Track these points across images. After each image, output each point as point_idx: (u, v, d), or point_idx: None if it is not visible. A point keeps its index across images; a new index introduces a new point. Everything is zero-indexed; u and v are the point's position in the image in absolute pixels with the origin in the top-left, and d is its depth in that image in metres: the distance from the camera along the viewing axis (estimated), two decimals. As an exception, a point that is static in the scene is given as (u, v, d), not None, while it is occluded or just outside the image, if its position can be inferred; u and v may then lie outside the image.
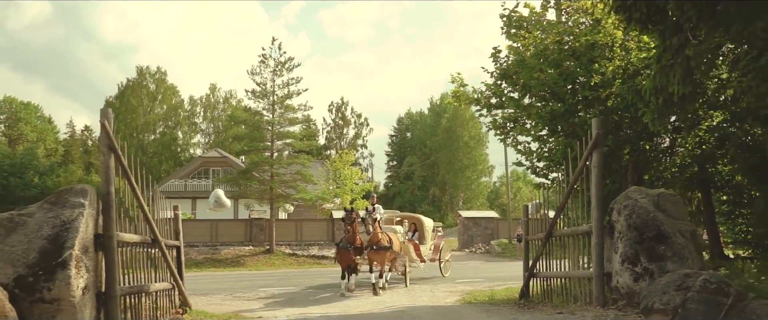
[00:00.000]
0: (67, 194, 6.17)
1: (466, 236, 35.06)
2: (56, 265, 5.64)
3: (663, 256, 6.73)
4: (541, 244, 9.17)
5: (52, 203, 6.06)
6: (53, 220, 5.87)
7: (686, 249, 6.73)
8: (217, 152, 48.47)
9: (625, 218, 7.19)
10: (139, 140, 73.34)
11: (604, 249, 7.54)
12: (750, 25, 4.90)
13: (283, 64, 30.20)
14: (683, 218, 7.06)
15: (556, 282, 9.04)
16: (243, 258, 28.55)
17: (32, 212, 5.98)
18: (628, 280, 6.95)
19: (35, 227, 5.83)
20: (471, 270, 21.00)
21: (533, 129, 10.54)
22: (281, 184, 29.52)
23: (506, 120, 10.92)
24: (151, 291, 7.55)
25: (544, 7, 10.49)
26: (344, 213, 13.91)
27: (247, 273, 23.43)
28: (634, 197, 7.31)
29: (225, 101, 78.09)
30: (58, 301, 5.61)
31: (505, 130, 11.15)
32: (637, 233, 6.96)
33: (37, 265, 5.63)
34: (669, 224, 6.91)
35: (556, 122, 9.79)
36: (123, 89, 73.46)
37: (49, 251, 5.70)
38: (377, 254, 13.29)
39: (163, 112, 75.66)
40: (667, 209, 7.08)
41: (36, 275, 5.61)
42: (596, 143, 7.67)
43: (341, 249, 13.56)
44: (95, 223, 6.31)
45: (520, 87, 9.98)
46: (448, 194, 74.20)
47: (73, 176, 61.51)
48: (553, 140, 10.35)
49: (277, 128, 30.19)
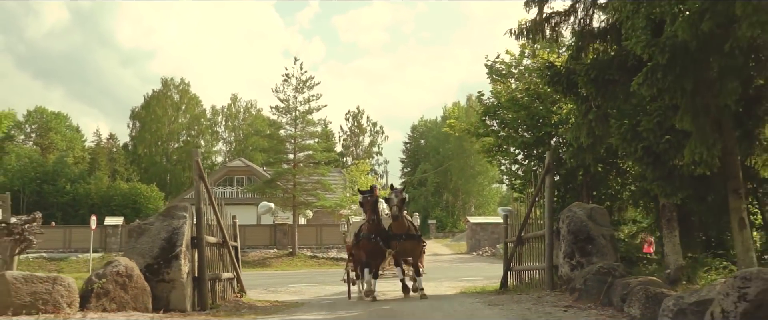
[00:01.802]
0: (174, 209, 9.02)
1: (474, 240, 37.77)
2: (171, 257, 8.49)
3: (590, 253, 9.40)
4: (514, 246, 11.92)
5: (165, 215, 8.91)
6: (167, 227, 8.72)
7: (606, 247, 9.41)
8: (241, 161, 51.48)
9: (566, 226, 9.88)
10: (164, 148, 76.82)
11: (553, 248, 10.25)
12: (627, 101, 7.54)
13: (305, 82, 33.24)
14: (607, 226, 9.74)
15: (526, 274, 11.76)
16: (268, 259, 31.47)
17: (152, 222, 8.85)
18: (567, 270, 9.63)
19: (156, 232, 8.69)
20: (474, 271, 23.59)
21: (511, 154, 13.31)
22: (303, 192, 32.44)
23: (491, 146, 13.70)
24: (222, 279, 10.39)
25: (521, 55, 13.25)
26: (361, 196, 11.23)
27: (274, 272, 26.25)
28: (574, 210, 10.00)
29: (245, 111, 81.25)
30: (173, 281, 8.45)
31: (491, 153, 13.92)
32: (573, 236, 9.63)
33: (159, 257, 8.48)
34: (596, 229, 9.60)
35: (528, 149, 12.55)
36: (148, 100, 76.93)
37: (166, 248, 8.55)
38: (408, 245, 10.80)
39: (186, 121, 79.02)
40: (596, 219, 9.76)
41: (158, 264, 8.45)
42: (548, 169, 10.37)
43: (366, 241, 10.75)
44: (191, 229, 9.15)
45: (499, 121, 12.78)
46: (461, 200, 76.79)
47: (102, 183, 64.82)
48: (526, 163, 13.12)
49: (299, 141, 33.14)
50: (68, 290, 7.30)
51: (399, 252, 10.71)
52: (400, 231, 10.63)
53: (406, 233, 10.66)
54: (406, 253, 10.88)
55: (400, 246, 10.61)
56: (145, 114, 75.77)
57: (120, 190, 63.77)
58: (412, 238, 10.79)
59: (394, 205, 10.32)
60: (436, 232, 59.92)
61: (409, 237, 10.71)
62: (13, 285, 6.92)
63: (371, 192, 10.84)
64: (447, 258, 35.50)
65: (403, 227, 10.62)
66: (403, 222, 10.64)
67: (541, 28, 9.29)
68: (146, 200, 62.88)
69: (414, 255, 10.96)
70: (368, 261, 10.77)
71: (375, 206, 10.63)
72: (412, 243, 10.79)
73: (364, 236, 10.79)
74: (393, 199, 10.41)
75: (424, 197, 76.26)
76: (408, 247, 10.75)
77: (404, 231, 10.65)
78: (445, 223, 71.45)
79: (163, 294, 8.41)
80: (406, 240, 10.65)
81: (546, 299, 8.81)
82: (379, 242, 10.50)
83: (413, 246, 10.85)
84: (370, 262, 10.77)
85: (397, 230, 10.64)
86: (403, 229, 10.64)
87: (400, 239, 10.60)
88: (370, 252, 10.68)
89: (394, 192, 10.56)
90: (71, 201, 62.22)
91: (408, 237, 10.69)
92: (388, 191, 11.19)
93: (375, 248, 10.57)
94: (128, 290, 7.85)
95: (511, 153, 13.17)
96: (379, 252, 10.65)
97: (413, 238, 10.81)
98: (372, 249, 10.62)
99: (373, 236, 10.56)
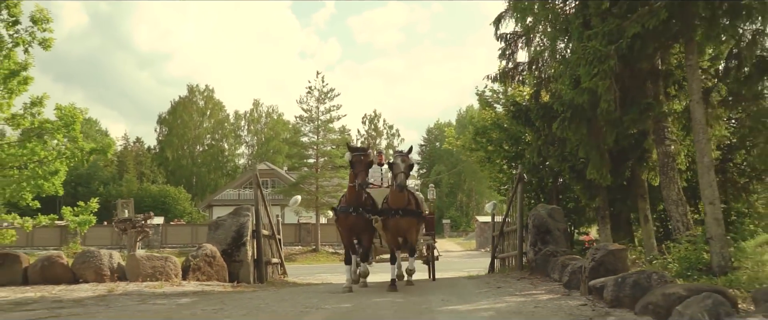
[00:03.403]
0: (240, 210, 12.34)
1: (482, 237, 40.97)
2: (240, 244, 11.81)
3: (548, 242, 12.53)
4: (497, 237, 15.12)
5: (234, 215, 12.24)
6: (236, 223, 12.04)
7: (560, 238, 12.55)
8: (266, 165, 54.92)
9: (532, 222, 13.02)
10: (191, 151, 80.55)
11: (522, 239, 13.42)
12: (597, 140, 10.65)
13: (326, 94, 36.62)
14: (561, 221, 12.88)
15: (507, 260, 14.93)
16: (293, 255, 34.80)
17: (225, 219, 12.18)
18: (532, 255, 12.77)
19: (228, 226, 12.01)
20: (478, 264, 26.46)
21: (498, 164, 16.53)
22: (324, 194, 35.79)
23: (482, 158, 16.93)
24: (272, 262, 13.69)
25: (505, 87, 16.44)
26: (350, 153, 8.63)
27: (300, 266, 29.50)
28: (538, 209, 13.15)
29: (267, 116, 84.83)
30: (241, 262, 11.77)
31: (482, 163, 17.13)
32: (536, 229, 12.77)
33: (231, 245, 11.80)
34: (553, 224, 12.74)
35: (509, 161, 15.75)
36: (175, 105, 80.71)
37: (236, 238, 11.87)
38: (404, 223, 8.69)
39: (210, 125, 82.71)
40: (554, 217, 12.90)
41: (231, 249, 11.77)
42: (519, 179, 13.53)
43: (345, 216, 8.77)
44: (252, 224, 12.45)
45: (486, 140, 16.00)
46: (474, 200, 79.84)
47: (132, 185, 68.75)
48: (509, 171, 16.31)
49: (321, 147, 36.53)
50: (174, 265, 10.65)
51: (390, 232, 8.78)
52: (398, 206, 8.51)
53: (404, 209, 8.55)
54: (399, 232, 8.77)
55: (393, 222, 8.57)
56: (172, 119, 79.72)
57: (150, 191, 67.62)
58: (411, 214, 8.66)
59: (401, 172, 8.17)
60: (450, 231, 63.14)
61: (408, 214, 8.61)
62: (140, 261, 10.28)
63: (364, 151, 8.56)
64: (457, 254, 38.71)
65: (402, 200, 8.48)
66: (405, 194, 8.52)
67: (511, 75, 12.51)
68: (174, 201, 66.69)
69: (409, 235, 8.85)
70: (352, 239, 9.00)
71: (367, 170, 8.54)
72: (409, 220, 8.68)
73: (342, 210, 8.76)
74: (399, 164, 8.21)
75: (439, 197, 79.16)
76: (403, 226, 8.65)
77: (402, 206, 8.52)
78: (459, 222, 74.47)
79: (235, 270, 11.72)
80: (403, 217, 8.57)
81: (512, 274, 12.00)
82: (364, 215, 8.54)
83: (409, 225, 8.74)
84: (354, 241, 9.02)
85: (394, 204, 8.52)
86: (402, 203, 8.51)
87: (395, 214, 8.51)
88: (351, 228, 8.79)
89: (399, 156, 8.43)
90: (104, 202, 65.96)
91: (406, 214, 8.58)
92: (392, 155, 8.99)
93: (359, 222, 8.61)
94: (213, 267, 11.19)
95: (498, 163, 16.35)
96: (364, 228, 8.74)
97: (411, 214, 8.68)
98: (354, 224, 8.67)
99: (353, 209, 8.57)
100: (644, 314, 5.49)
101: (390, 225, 8.71)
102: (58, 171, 13.04)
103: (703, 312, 4.56)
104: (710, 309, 4.60)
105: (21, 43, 12.93)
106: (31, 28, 13.07)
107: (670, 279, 6.22)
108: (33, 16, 13.00)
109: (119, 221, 12.91)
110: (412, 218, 8.81)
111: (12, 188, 13.11)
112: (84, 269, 9.95)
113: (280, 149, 76.70)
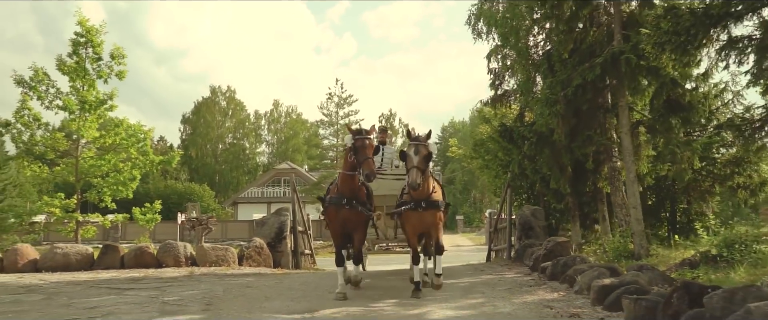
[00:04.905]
0: (280, 211, 15.33)
1: (491, 233, 43.80)
2: (282, 238, 14.81)
3: (530, 236, 15.35)
4: (492, 233, 18.00)
5: (276, 214, 15.25)
6: (278, 221, 15.03)
7: (540, 233, 15.37)
8: (288, 164, 58.09)
9: (518, 220, 15.87)
10: (213, 150, 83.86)
11: (511, 233, 16.28)
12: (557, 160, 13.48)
13: (345, 99, 39.65)
14: (542, 219, 15.70)
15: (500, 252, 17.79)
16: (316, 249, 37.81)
17: (268, 218, 15.19)
18: (518, 247, 15.67)
19: (271, 223, 15.01)
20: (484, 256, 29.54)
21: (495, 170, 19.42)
22: (344, 193, 38.89)
23: (481, 165, 19.81)
24: (305, 253, 16.68)
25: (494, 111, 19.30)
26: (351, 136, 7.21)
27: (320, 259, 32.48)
28: (524, 210, 15.99)
29: (287, 116, 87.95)
30: (282, 252, 14.76)
31: (483, 170, 20.00)
32: (521, 226, 15.62)
33: (274, 238, 14.80)
34: (535, 222, 15.58)
35: (504, 168, 18.62)
36: (198, 106, 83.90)
37: (278, 233, 14.86)
38: (429, 217, 7.31)
39: (232, 125, 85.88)
40: (536, 215, 15.75)
41: (274, 242, 14.77)
42: (509, 184, 16.39)
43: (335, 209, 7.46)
44: (290, 222, 15.42)
45: (484, 150, 18.89)
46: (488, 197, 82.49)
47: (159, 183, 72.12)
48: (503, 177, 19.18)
49: (340, 150, 39.61)
50: (232, 254, 13.66)
51: (414, 225, 7.39)
52: (421, 197, 7.13)
53: (427, 199, 7.17)
54: (424, 225, 7.38)
55: (416, 216, 7.25)
56: (196, 119, 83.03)
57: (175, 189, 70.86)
58: (435, 206, 7.27)
59: (414, 166, 6.76)
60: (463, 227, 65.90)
61: (431, 205, 7.22)
62: (207, 251, 13.31)
63: (368, 134, 7.22)
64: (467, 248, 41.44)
65: (424, 190, 7.09)
66: (427, 184, 7.13)
67: (500, 100, 15.38)
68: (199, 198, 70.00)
69: (434, 230, 7.40)
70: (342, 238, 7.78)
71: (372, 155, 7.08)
72: (435, 213, 7.30)
73: (332, 201, 7.44)
74: (412, 157, 6.82)
75: (453, 194, 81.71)
76: (427, 219, 7.28)
77: (426, 197, 7.15)
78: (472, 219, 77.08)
79: (278, 259, 14.71)
80: (427, 209, 7.20)
81: (500, 263, 14.87)
82: (358, 208, 7.29)
83: (435, 218, 7.33)
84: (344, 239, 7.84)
85: (417, 195, 7.12)
86: (425, 194, 7.14)
87: (418, 207, 7.17)
88: (343, 223, 7.50)
89: (415, 144, 6.92)
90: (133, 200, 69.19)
91: (429, 205, 7.21)
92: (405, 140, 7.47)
93: (352, 217, 7.36)
94: (261, 255, 14.18)
95: (495, 169, 19.22)
96: (358, 223, 7.47)
97: (436, 206, 7.28)
98: (347, 218, 7.41)
99: (346, 200, 7.26)
100: (564, 283, 8.40)
101: (413, 220, 7.26)
102: (135, 178, 16.16)
103: (587, 279, 7.46)
104: (593, 277, 7.48)
105: (102, 76, 16.02)
106: (110, 62, 16.14)
107: (588, 261, 9.13)
108: (112, 53, 16.06)
109: (189, 219, 16.02)
110: (437, 210, 7.24)
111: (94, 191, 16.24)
112: (166, 256, 13.00)
113: (299, 147, 79.76)
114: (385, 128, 10.74)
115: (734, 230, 8.84)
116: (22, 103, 15.35)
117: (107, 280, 10.56)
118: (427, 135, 7.28)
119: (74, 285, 9.83)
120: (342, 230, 7.72)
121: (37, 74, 15.55)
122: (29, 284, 9.99)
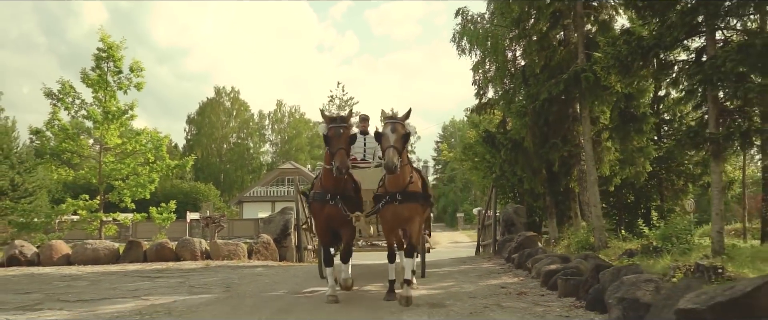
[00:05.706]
0: (285, 210, 16.92)
1: (488, 230, 45.33)
2: (286, 234, 16.40)
3: (512, 232, 16.87)
4: (480, 229, 19.56)
5: (281, 213, 16.83)
6: (283, 219, 16.62)
7: (522, 229, 16.91)
8: (291, 164, 59.61)
9: (502, 217, 17.41)
10: (218, 149, 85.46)
11: (495, 230, 17.82)
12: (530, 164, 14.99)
13: (346, 101, 41.17)
14: (523, 217, 17.24)
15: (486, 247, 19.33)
16: (318, 246, 39.41)
17: (274, 216, 16.78)
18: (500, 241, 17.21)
19: (277, 221, 16.59)
20: (477, 252, 31.14)
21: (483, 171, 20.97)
22: (346, 192, 40.45)
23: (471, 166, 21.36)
24: (308, 248, 18.24)
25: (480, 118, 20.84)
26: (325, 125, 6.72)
27: (325, 255, 34.11)
28: (507, 208, 17.55)
29: (290, 116, 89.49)
30: (287, 247, 16.36)
31: (472, 171, 21.55)
32: (505, 223, 17.16)
33: (280, 234, 16.38)
34: (517, 219, 17.12)
35: (491, 169, 20.18)
36: (203, 106, 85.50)
37: (283, 230, 16.45)
38: (405, 210, 6.57)
39: (236, 125, 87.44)
40: (518, 213, 17.29)
41: (280, 237, 16.35)
42: (494, 184, 17.93)
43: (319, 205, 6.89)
44: (293, 220, 16.98)
45: (473, 153, 20.44)
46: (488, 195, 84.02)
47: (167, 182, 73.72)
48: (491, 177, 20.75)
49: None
50: (242, 249, 15.25)
51: (388, 220, 6.73)
52: (396, 188, 6.52)
53: (403, 191, 6.53)
54: (399, 221, 6.73)
55: (390, 211, 6.60)
56: (201, 119, 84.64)
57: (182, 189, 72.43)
58: (412, 198, 6.62)
59: (390, 146, 6.14)
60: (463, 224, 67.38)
61: (408, 197, 6.57)
62: (220, 246, 14.90)
63: (344, 122, 6.69)
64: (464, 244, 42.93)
65: (400, 181, 6.49)
66: (404, 174, 6.48)
67: (483, 108, 16.96)
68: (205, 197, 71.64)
69: (410, 226, 6.77)
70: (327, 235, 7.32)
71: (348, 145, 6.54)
72: (412, 206, 6.64)
73: (316, 198, 6.99)
74: (388, 135, 6.24)
75: (454, 192, 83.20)
76: (403, 213, 6.61)
77: (402, 188, 6.52)
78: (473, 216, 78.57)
79: (283, 253, 16.30)
80: (403, 203, 6.55)
81: (485, 256, 16.44)
82: (338, 205, 6.72)
83: (412, 212, 6.66)
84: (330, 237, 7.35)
85: (392, 187, 6.54)
86: (401, 184, 6.52)
87: (392, 200, 6.54)
88: (328, 220, 7.01)
89: (390, 123, 6.39)
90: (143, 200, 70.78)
91: (406, 198, 6.55)
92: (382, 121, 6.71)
93: (338, 214, 6.79)
94: (268, 250, 15.76)
95: (483, 170, 20.78)
96: (345, 219, 6.83)
97: (413, 198, 6.64)
98: (331, 216, 6.89)
99: (330, 196, 6.75)
100: (526, 270, 9.98)
101: (387, 215, 6.64)
102: (154, 180, 17.79)
103: (540, 265, 9.03)
104: (545, 264, 9.03)
105: (122, 88, 17.62)
106: (129, 75, 17.73)
107: (547, 252, 10.70)
108: (131, 67, 17.65)
109: (203, 217, 17.62)
110: (414, 203, 6.62)
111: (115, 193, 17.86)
112: (183, 251, 14.60)
113: (302, 147, 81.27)
114: (367, 117, 9.95)
115: (670, 225, 10.36)
116: (53, 114, 16.99)
117: (136, 271, 12.16)
118: (405, 115, 6.67)
119: (109, 274, 11.44)
120: (326, 227, 7.11)
121: (64, 87, 17.18)
122: (70, 274, 11.60)
